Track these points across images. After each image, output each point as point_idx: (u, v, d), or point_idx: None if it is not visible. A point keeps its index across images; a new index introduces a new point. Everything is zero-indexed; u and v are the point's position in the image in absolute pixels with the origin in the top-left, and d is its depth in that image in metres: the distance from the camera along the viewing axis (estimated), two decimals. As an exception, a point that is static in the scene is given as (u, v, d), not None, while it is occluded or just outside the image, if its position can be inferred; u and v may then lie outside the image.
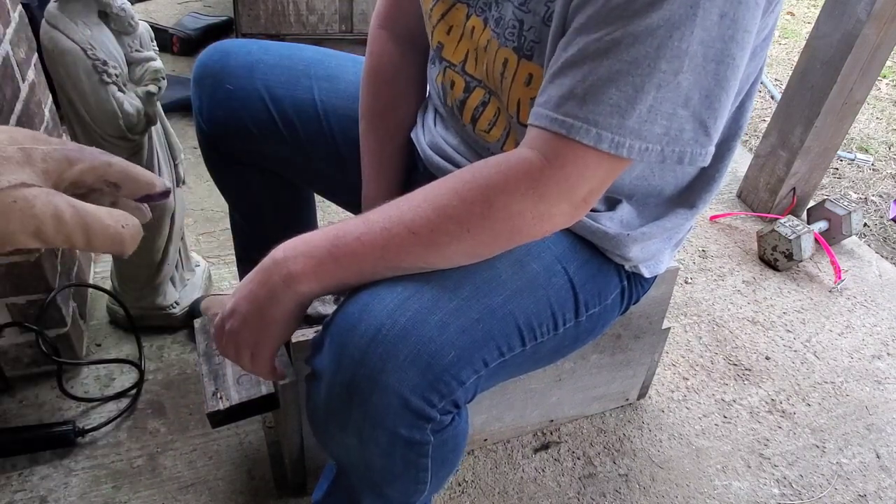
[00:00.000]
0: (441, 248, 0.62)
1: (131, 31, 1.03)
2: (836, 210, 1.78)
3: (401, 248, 0.61)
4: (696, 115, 0.57)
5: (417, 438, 0.64)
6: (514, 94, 0.71)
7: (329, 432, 0.67)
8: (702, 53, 0.55)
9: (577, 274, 0.76)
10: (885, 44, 1.61)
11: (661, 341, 1.20)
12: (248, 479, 1.07)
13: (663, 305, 1.12)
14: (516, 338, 0.69)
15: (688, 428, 1.26)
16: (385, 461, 0.66)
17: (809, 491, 1.18)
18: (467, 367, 0.64)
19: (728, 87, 0.57)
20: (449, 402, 0.64)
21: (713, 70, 0.56)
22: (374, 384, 0.60)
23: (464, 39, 0.76)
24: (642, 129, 0.57)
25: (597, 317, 0.81)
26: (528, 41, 0.67)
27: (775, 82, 2.81)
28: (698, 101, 0.57)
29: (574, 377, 1.14)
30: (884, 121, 2.64)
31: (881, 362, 1.47)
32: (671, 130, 0.57)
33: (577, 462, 1.17)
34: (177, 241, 1.24)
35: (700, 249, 1.76)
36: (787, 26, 3.45)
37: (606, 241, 0.78)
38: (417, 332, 0.61)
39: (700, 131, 0.58)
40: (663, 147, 0.58)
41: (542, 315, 0.72)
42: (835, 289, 1.67)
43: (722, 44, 0.55)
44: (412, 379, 0.61)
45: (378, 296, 0.63)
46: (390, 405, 0.61)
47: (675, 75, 0.55)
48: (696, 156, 0.59)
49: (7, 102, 0.95)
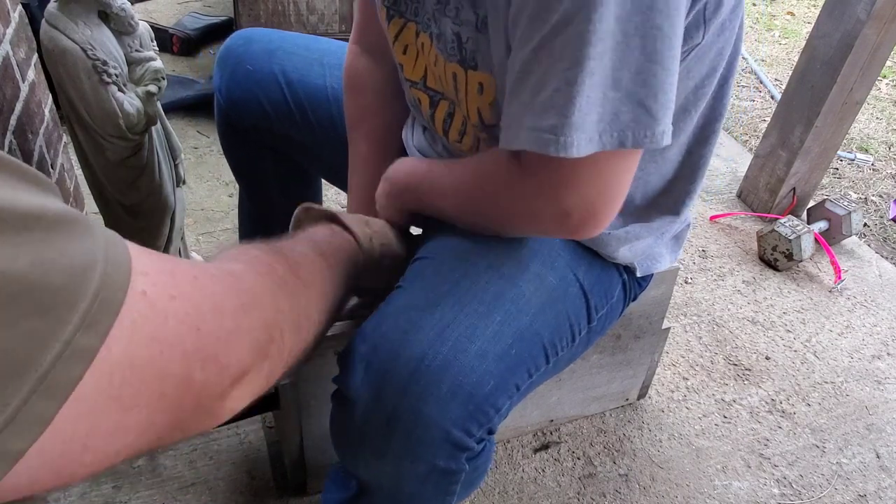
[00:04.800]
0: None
1: (131, 31, 1.03)
2: (836, 210, 1.78)
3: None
4: (630, 96, 0.54)
5: (453, 468, 0.65)
6: (470, 104, 0.73)
7: (362, 457, 0.67)
8: (621, 30, 0.51)
9: (585, 278, 0.77)
10: (885, 44, 1.61)
11: (661, 341, 1.20)
12: (248, 479, 1.07)
13: (663, 305, 1.12)
14: (542, 357, 0.71)
15: (688, 428, 1.26)
16: (418, 488, 0.67)
17: (809, 491, 1.18)
18: (503, 394, 0.65)
19: (663, 61, 0.54)
20: (485, 431, 0.65)
21: (639, 45, 0.52)
22: (417, 417, 0.61)
23: (420, 56, 0.76)
24: (585, 122, 0.54)
25: (605, 317, 0.82)
26: (469, 52, 0.68)
27: (775, 82, 2.81)
28: (629, 80, 0.54)
29: (574, 377, 1.14)
30: (884, 121, 2.64)
31: (881, 362, 1.47)
32: (605, 115, 0.54)
33: (577, 462, 1.17)
34: (177, 241, 1.24)
35: (700, 249, 1.76)
36: (787, 26, 3.45)
37: (591, 242, 0.78)
38: (459, 362, 0.62)
39: (640, 111, 0.55)
40: (601, 133, 0.55)
41: (562, 329, 0.73)
42: (835, 289, 1.67)
43: (640, 16, 0.51)
44: (454, 411, 0.61)
45: (415, 323, 0.64)
46: (432, 438, 0.61)
47: (602, 59, 0.52)
48: (640, 137, 0.55)
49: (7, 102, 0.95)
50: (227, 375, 0.45)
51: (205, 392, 0.43)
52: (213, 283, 0.46)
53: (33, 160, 1.04)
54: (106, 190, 1.12)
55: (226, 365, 0.44)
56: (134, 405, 0.38)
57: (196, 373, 0.41)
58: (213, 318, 0.43)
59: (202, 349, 0.42)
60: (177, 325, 0.40)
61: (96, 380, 0.35)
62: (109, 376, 0.36)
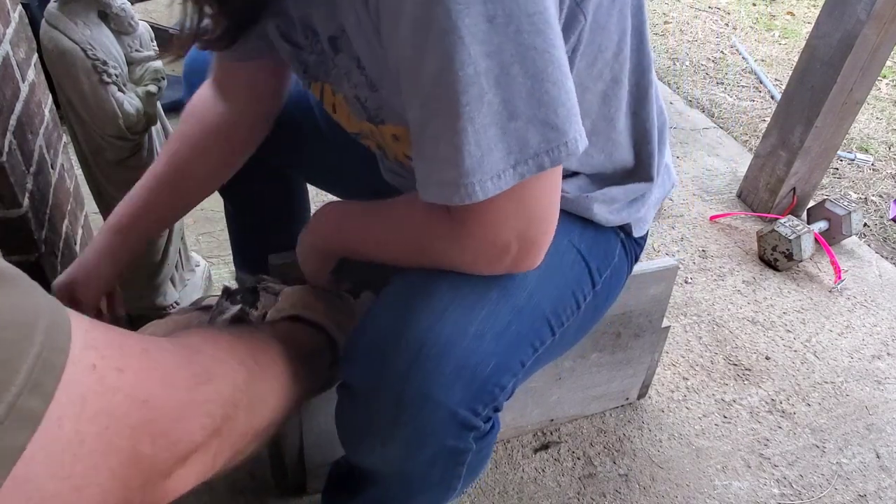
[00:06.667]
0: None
1: (131, 31, 1.03)
2: (836, 210, 1.78)
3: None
4: (531, 120, 0.53)
5: (461, 447, 0.66)
6: (392, 152, 0.74)
7: (369, 445, 0.68)
8: (497, 64, 0.50)
9: (581, 243, 0.76)
10: (885, 44, 1.61)
11: (660, 340, 1.20)
12: (249, 479, 1.07)
13: (663, 304, 1.12)
14: (546, 330, 0.71)
15: (688, 428, 1.26)
16: (425, 471, 0.68)
17: (809, 491, 1.18)
18: (507, 372, 0.66)
19: (550, 76, 0.52)
20: (491, 409, 0.66)
21: (520, 71, 0.51)
22: (423, 400, 0.62)
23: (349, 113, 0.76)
24: (481, 167, 0.53)
25: (609, 279, 0.81)
26: (373, 110, 0.68)
27: (775, 82, 2.81)
28: (525, 105, 0.53)
29: (574, 376, 1.14)
30: (884, 121, 2.64)
31: (881, 362, 1.47)
32: (512, 147, 0.53)
33: (577, 462, 1.17)
34: (177, 241, 1.24)
35: (700, 249, 1.76)
36: (787, 26, 3.45)
37: (570, 205, 0.77)
38: (458, 345, 0.63)
39: (546, 130, 0.54)
40: (515, 165, 0.54)
41: (565, 299, 0.73)
42: (835, 289, 1.67)
43: (512, 44, 0.50)
44: (459, 393, 0.62)
45: (412, 310, 0.64)
46: (440, 419, 0.62)
47: (480, 100, 0.51)
48: (556, 156, 0.54)
49: (7, 102, 0.95)
50: (177, 451, 0.44)
51: (153, 468, 0.42)
52: (165, 355, 0.45)
53: (33, 160, 1.04)
54: (106, 190, 1.12)
55: (176, 439, 0.43)
56: (86, 484, 0.37)
57: (144, 447, 0.40)
58: (162, 390, 0.43)
59: (150, 422, 0.41)
60: (123, 399, 0.39)
61: (48, 460, 0.34)
62: (61, 455, 0.35)
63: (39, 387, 0.33)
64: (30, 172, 1.02)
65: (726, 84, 2.78)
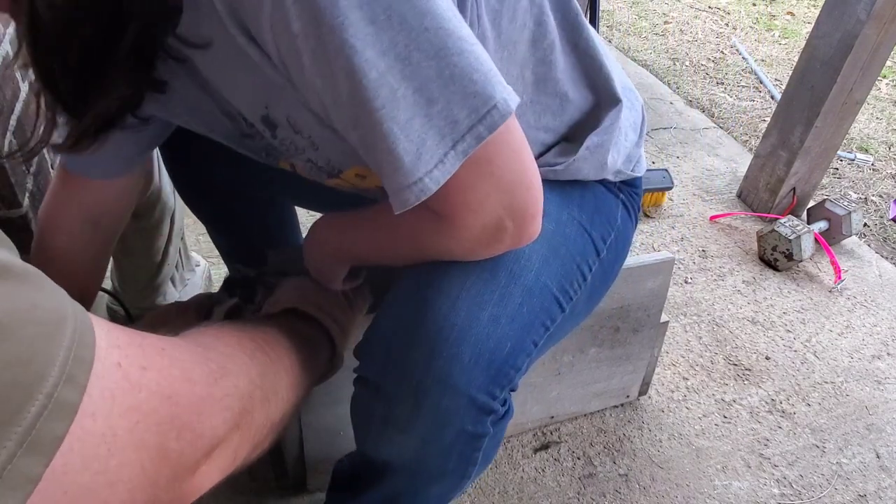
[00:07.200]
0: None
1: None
2: (836, 210, 1.78)
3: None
4: (451, 98, 0.52)
5: (480, 432, 0.67)
6: (368, 189, 0.75)
7: (387, 436, 0.69)
8: (395, 57, 0.50)
9: (581, 213, 0.77)
10: (885, 44, 1.61)
11: (659, 335, 1.20)
12: (248, 479, 1.07)
13: (661, 298, 1.12)
14: (555, 307, 0.71)
15: (688, 428, 1.26)
16: (443, 459, 0.69)
17: (809, 491, 1.18)
18: (521, 353, 0.67)
19: (453, 47, 0.51)
20: (507, 392, 0.68)
21: (421, 58, 0.50)
22: (443, 388, 0.63)
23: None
24: (420, 160, 0.53)
25: (614, 243, 0.81)
26: (329, 165, 0.69)
27: (775, 82, 2.81)
28: (438, 87, 0.52)
29: (573, 371, 1.14)
30: (884, 121, 2.64)
31: (881, 362, 1.47)
32: (444, 130, 0.53)
33: (577, 462, 1.17)
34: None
35: (700, 249, 1.76)
36: (787, 26, 3.45)
37: (563, 174, 0.76)
38: (474, 331, 0.64)
39: (469, 100, 0.52)
40: (454, 144, 0.53)
41: (571, 273, 0.73)
42: (835, 289, 1.67)
43: (402, 35, 0.49)
44: (478, 378, 0.64)
45: (425, 300, 0.65)
46: (459, 405, 0.64)
47: (394, 98, 0.51)
48: (491, 119, 0.53)
49: (7, 102, 0.95)
50: (201, 445, 0.44)
51: (180, 463, 0.42)
52: (182, 353, 0.46)
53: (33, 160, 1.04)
54: (106, 190, 1.12)
55: (200, 434, 0.44)
56: (118, 480, 0.37)
57: (171, 442, 0.41)
58: (183, 386, 0.44)
59: (175, 417, 0.42)
60: (149, 396, 0.40)
61: (84, 452, 0.34)
62: (96, 448, 0.35)
63: (74, 378, 0.34)
64: (30, 172, 1.02)
65: (726, 84, 2.78)
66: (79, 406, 0.34)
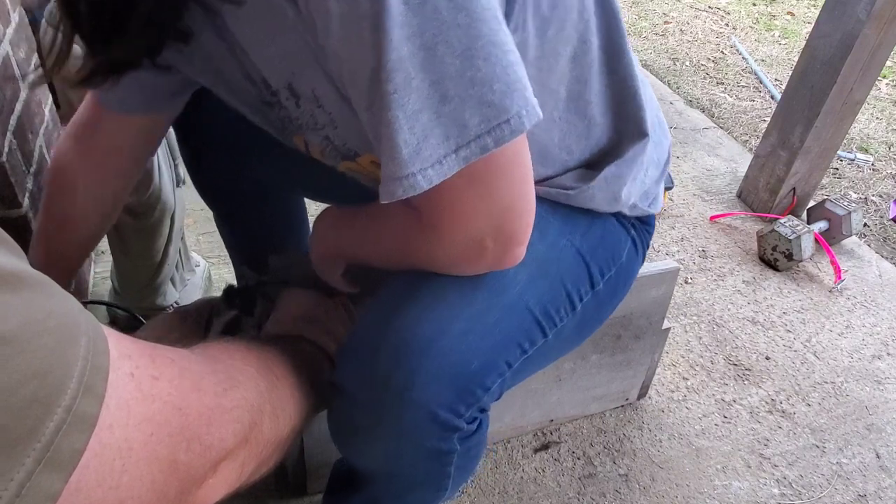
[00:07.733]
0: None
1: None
2: (836, 210, 1.78)
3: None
4: (464, 101, 0.50)
5: (445, 448, 0.65)
6: (377, 179, 0.73)
7: (355, 445, 0.68)
8: (419, 49, 0.48)
9: (583, 243, 0.74)
10: (885, 44, 1.61)
11: (661, 341, 1.20)
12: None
13: (663, 306, 1.12)
14: (536, 330, 0.69)
15: (688, 428, 1.26)
16: (411, 471, 0.68)
17: (809, 491, 1.18)
18: (491, 372, 0.64)
19: (481, 51, 0.49)
20: (475, 410, 0.64)
21: (446, 52, 0.48)
22: (402, 402, 0.61)
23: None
24: (418, 155, 0.50)
25: (614, 279, 0.78)
26: (346, 147, 0.67)
27: (775, 82, 2.81)
28: (455, 87, 0.49)
29: (574, 377, 1.14)
30: (884, 121, 2.64)
31: (881, 362, 1.47)
32: (450, 131, 0.50)
33: (577, 462, 1.17)
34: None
35: (700, 249, 1.76)
36: (787, 26, 3.45)
37: (573, 199, 0.75)
38: (439, 344, 0.61)
39: (484, 108, 0.50)
40: (456, 149, 0.51)
41: (558, 298, 0.71)
42: (835, 289, 1.67)
43: (434, 26, 0.47)
44: (439, 393, 0.61)
45: (397, 310, 0.64)
46: (419, 420, 0.61)
47: (407, 85, 0.48)
48: (500, 133, 0.51)
49: (7, 102, 0.95)
50: (209, 457, 0.44)
51: (188, 476, 0.42)
52: (191, 364, 0.45)
53: (33, 160, 1.04)
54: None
55: (208, 445, 0.43)
56: (129, 496, 0.37)
57: (181, 454, 0.40)
58: (193, 396, 0.43)
59: (186, 428, 0.41)
60: (161, 407, 0.39)
61: (100, 467, 0.33)
62: (112, 462, 0.35)
63: (92, 389, 0.33)
64: (30, 172, 1.02)
65: (726, 84, 2.78)
66: (98, 418, 0.33)
